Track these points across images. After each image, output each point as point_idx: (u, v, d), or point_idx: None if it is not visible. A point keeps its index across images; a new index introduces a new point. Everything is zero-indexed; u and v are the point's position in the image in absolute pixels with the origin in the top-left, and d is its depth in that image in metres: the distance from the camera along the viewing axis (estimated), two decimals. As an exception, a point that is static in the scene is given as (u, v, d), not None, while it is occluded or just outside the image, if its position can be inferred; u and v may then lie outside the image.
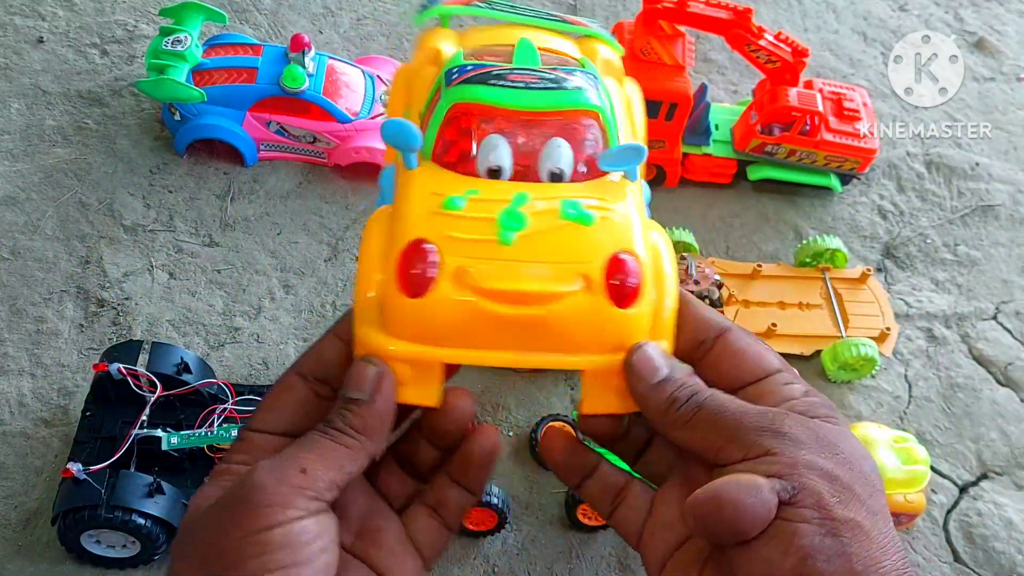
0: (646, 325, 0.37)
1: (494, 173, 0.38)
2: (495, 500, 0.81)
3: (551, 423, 0.91)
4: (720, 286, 1.04)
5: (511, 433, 0.93)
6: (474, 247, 0.35)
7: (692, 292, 1.01)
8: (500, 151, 0.38)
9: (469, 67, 0.40)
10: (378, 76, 1.17)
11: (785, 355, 1.05)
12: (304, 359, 0.39)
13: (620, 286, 0.36)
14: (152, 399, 0.83)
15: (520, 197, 0.37)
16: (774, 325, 1.01)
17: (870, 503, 0.33)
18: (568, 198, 0.37)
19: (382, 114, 1.13)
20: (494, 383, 0.96)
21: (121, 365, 0.83)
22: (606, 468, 0.41)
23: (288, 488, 0.33)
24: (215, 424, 0.83)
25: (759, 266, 1.07)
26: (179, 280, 1.02)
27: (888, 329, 1.03)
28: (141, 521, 0.76)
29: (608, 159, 0.38)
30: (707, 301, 1.02)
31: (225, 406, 0.85)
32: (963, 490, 0.97)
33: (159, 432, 0.81)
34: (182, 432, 0.82)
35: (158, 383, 0.84)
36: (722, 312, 1.03)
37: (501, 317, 0.35)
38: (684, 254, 1.03)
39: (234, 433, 0.82)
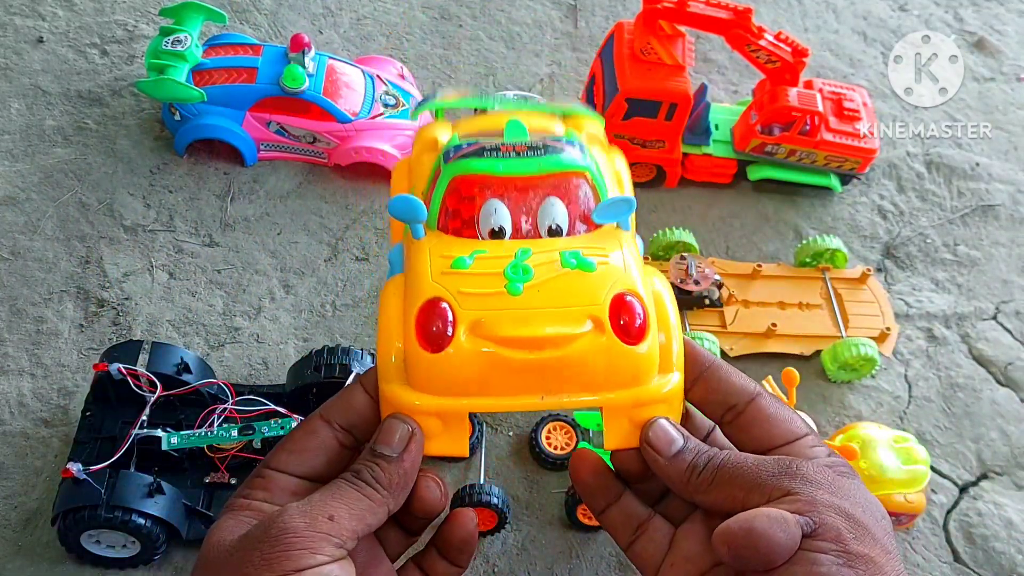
0: (655, 360, 0.39)
1: (496, 234, 0.41)
2: (495, 500, 0.81)
3: (552, 423, 0.91)
4: (720, 286, 1.04)
5: (511, 433, 0.93)
6: (486, 300, 0.37)
7: (692, 292, 1.01)
8: (500, 213, 0.41)
9: (464, 144, 0.43)
10: (378, 76, 1.17)
11: (785, 355, 1.05)
12: (331, 406, 0.41)
13: (627, 324, 0.38)
14: (152, 399, 0.83)
15: (523, 252, 0.39)
16: (774, 325, 1.01)
17: (884, 542, 0.35)
18: (568, 249, 0.39)
19: (382, 114, 1.13)
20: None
21: (121, 365, 0.83)
22: (629, 499, 0.42)
23: (318, 533, 0.35)
24: (215, 424, 0.83)
25: (759, 266, 1.07)
26: (179, 280, 1.02)
27: (888, 329, 1.03)
28: (141, 521, 0.76)
29: (602, 211, 0.41)
30: (707, 301, 1.02)
31: (225, 406, 0.85)
32: (963, 490, 0.97)
33: (159, 432, 0.81)
34: (182, 432, 0.82)
35: (158, 383, 0.84)
36: (722, 313, 1.03)
37: (520, 363, 0.37)
38: (684, 254, 1.03)
39: (235, 433, 0.82)
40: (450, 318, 0.37)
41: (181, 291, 1.01)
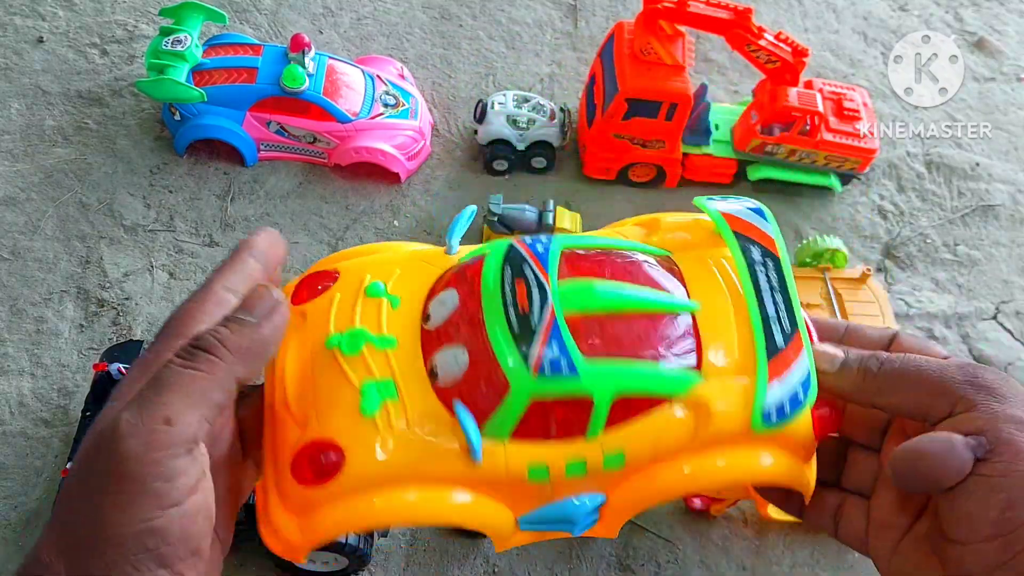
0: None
1: None
2: (495, 500, 0.81)
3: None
4: (720, 286, 1.03)
5: (511, 433, 0.93)
6: None
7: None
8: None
9: None
10: (378, 76, 1.17)
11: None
12: (229, 274, 0.42)
13: (297, 468, 0.35)
14: (152, 399, 0.83)
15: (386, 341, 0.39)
16: (774, 325, 1.01)
17: None
18: (394, 364, 0.38)
19: (382, 114, 1.13)
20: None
21: (121, 365, 0.83)
22: (822, 494, 0.42)
23: (161, 454, 0.30)
24: (215, 424, 0.83)
25: (759, 266, 1.07)
26: (179, 280, 1.02)
27: (888, 329, 1.03)
28: (141, 521, 0.76)
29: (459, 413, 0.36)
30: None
31: (225, 406, 0.85)
32: (963, 490, 0.97)
33: (159, 432, 0.81)
34: (182, 432, 0.82)
35: (158, 383, 0.83)
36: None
37: None
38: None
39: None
40: None
41: (181, 291, 1.01)
